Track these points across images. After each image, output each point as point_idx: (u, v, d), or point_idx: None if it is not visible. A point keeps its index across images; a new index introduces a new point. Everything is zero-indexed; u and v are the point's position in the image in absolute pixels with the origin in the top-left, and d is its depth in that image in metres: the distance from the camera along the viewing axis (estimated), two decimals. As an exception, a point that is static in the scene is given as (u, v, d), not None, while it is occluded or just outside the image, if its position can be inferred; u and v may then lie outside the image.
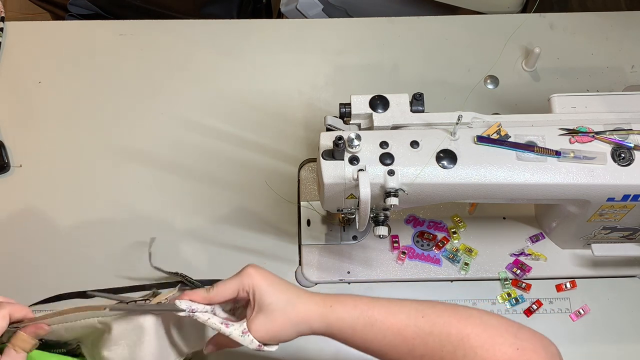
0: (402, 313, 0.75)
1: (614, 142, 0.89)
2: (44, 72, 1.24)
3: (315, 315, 0.76)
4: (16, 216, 1.12)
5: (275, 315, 0.75)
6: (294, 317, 0.76)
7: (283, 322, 0.75)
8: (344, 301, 0.77)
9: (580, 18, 1.28)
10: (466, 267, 1.06)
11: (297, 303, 0.76)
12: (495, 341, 0.71)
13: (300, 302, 0.76)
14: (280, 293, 0.77)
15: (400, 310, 0.75)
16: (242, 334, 0.75)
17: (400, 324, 0.74)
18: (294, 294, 0.77)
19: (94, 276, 1.07)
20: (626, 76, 1.22)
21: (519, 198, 0.92)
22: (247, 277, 0.77)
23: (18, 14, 1.83)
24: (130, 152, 1.17)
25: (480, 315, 0.74)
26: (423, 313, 0.74)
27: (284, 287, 0.78)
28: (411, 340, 0.73)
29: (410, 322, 0.74)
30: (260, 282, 0.77)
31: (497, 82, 1.22)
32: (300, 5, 1.48)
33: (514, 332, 0.72)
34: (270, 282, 0.77)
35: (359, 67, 1.24)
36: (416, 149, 0.88)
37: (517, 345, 0.71)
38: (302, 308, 0.76)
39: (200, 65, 1.25)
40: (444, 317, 0.74)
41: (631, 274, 1.07)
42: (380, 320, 0.75)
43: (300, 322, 0.76)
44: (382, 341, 0.75)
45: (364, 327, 0.75)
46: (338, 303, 0.76)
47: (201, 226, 1.11)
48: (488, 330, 0.72)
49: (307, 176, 1.15)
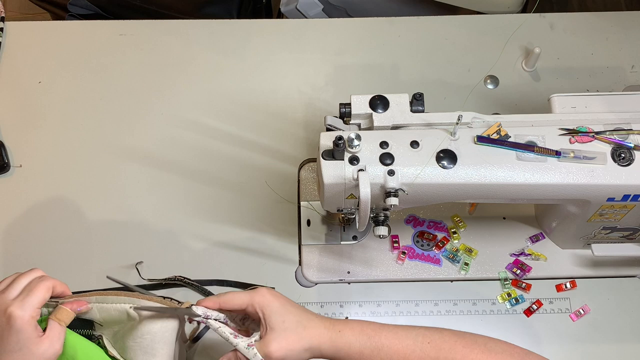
0: (409, 339, 0.77)
1: (614, 142, 0.89)
2: (44, 72, 1.24)
3: (325, 339, 0.78)
4: (16, 216, 1.12)
5: (287, 335, 0.77)
6: (305, 339, 0.78)
7: (294, 341, 0.77)
8: (352, 326, 0.79)
9: (580, 18, 1.28)
10: (466, 267, 1.06)
11: (308, 326, 0.78)
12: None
13: (311, 324, 0.79)
14: (291, 314, 0.79)
15: (407, 336, 0.77)
16: (247, 347, 0.77)
17: (407, 349, 0.76)
18: (305, 316, 0.79)
19: (94, 276, 1.07)
20: (626, 76, 1.22)
21: (519, 198, 0.92)
22: (259, 295, 0.79)
23: (18, 14, 1.83)
24: (130, 151, 1.17)
25: (486, 342, 0.76)
26: (429, 339, 0.76)
27: (294, 309, 0.80)
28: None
29: (417, 348, 0.76)
30: (272, 302, 0.79)
31: (497, 82, 1.22)
32: (300, 5, 1.48)
33: (520, 359, 0.74)
34: (282, 303, 0.79)
35: (359, 67, 1.24)
36: (416, 149, 0.88)
37: None
38: (313, 331, 0.78)
39: (200, 65, 1.25)
40: (449, 343, 0.76)
41: (631, 274, 1.07)
42: (387, 345, 0.77)
43: (311, 344, 0.78)
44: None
45: (371, 352, 0.77)
46: (347, 328, 0.79)
47: (201, 226, 1.11)
48: (492, 356, 0.74)
49: (307, 176, 1.15)
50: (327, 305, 1.05)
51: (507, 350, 0.75)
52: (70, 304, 0.79)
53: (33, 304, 0.75)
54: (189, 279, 1.05)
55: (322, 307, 1.05)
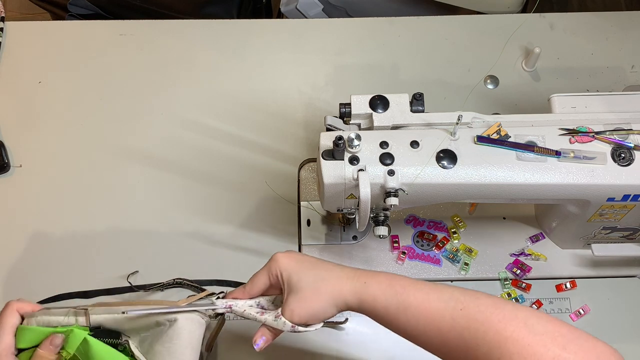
0: (441, 301, 0.70)
1: (614, 142, 0.89)
2: (44, 72, 1.24)
3: (348, 290, 0.73)
4: (16, 216, 1.12)
5: (306, 293, 0.73)
6: (325, 293, 0.73)
7: (315, 298, 0.73)
8: (379, 279, 0.73)
9: (580, 18, 1.28)
10: (466, 267, 1.06)
11: (328, 278, 0.74)
12: (535, 350, 0.64)
13: (332, 276, 0.74)
14: (308, 270, 0.75)
15: (438, 298, 0.70)
16: (275, 318, 0.75)
17: (437, 313, 0.69)
18: (324, 268, 0.75)
19: (94, 276, 1.07)
20: (626, 76, 1.22)
21: (519, 198, 0.92)
22: (273, 262, 0.77)
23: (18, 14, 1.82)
24: (130, 152, 1.17)
25: (528, 317, 0.66)
26: (463, 305, 0.69)
27: (312, 264, 0.76)
28: (446, 333, 0.69)
29: (447, 314, 0.69)
30: (287, 263, 0.76)
31: (497, 82, 1.22)
32: (300, 5, 1.48)
33: (564, 344, 0.64)
34: (297, 260, 0.76)
35: (359, 67, 1.24)
36: (416, 149, 0.88)
37: (563, 357, 0.63)
38: (334, 283, 0.73)
39: (200, 65, 1.25)
40: (485, 314, 0.67)
41: (631, 274, 1.07)
42: (415, 305, 0.70)
43: (335, 297, 0.73)
44: (415, 327, 0.71)
45: (397, 309, 0.71)
46: (373, 280, 0.73)
47: (201, 226, 1.11)
48: (531, 336, 0.65)
49: (307, 176, 1.15)
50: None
51: (550, 332, 0.65)
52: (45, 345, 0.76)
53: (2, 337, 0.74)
54: (188, 280, 1.05)
55: (322, 307, 1.05)
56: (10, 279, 1.07)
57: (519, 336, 0.65)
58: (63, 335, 0.77)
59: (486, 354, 0.66)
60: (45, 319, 0.79)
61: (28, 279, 1.07)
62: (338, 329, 1.02)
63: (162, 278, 1.06)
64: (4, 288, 1.06)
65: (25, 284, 1.06)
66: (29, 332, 0.77)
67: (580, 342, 0.64)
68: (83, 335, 0.77)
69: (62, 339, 0.77)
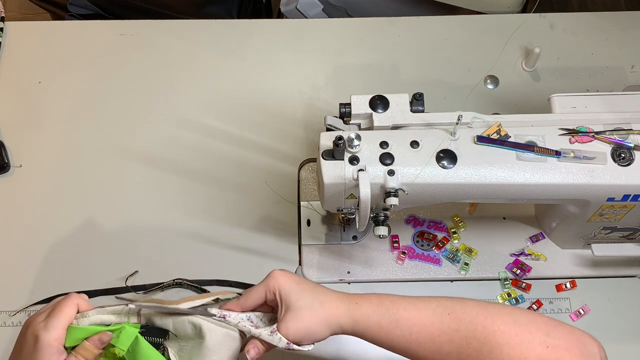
0: (429, 309, 0.75)
1: (614, 142, 0.89)
2: (44, 72, 1.24)
3: (342, 312, 0.76)
4: (16, 216, 1.12)
5: (304, 312, 0.76)
6: (322, 314, 0.76)
7: (311, 319, 0.76)
8: (370, 299, 0.77)
9: (580, 18, 1.28)
10: (466, 267, 1.06)
11: (324, 301, 0.77)
12: (523, 338, 0.69)
13: (327, 299, 0.77)
14: (306, 292, 0.77)
15: (426, 307, 0.75)
16: (270, 334, 0.76)
17: (426, 320, 0.74)
18: (321, 292, 0.78)
19: (94, 276, 1.07)
20: (626, 76, 1.22)
21: (519, 198, 0.92)
22: (272, 279, 0.78)
23: (18, 14, 1.82)
24: (130, 151, 1.17)
25: (510, 311, 0.73)
26: (449, 310, 0.74)
27: (310, 286, 0.78)
28: (437, 338, 0.73)
29: (436, 320, 0.74)
30: (286, 282, 0.78)
31: (497, 82, 1.22)
32: (300, 5, 1.48)
33: (547, 330, 0.70)
34: (296, 281, 0.78)
35: (359, 67, 1.24)
36: (416, 149, 0.88)
37: (548, 343, 0.69)
38: (329, 306, 0.76)
39: (200, 65, 1.25)
40: (471, 314, 0.73)
41: (631, 274, 1.07)
42: (406, 317, 0.75)
43: (329, 319, 0.76)
44: (408, 338, 0.74)
45: (389, 323, 0.75)
46: (364, 300, 0.77)
47: (201, 226, 1.11)
48: (517, 327, 0.70)
49: (307, 176, 1.15)
50: (327, 305, 1.05)
51: (533, 321, 0.71)
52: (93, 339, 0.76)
53: (56, 325, 0.74)
54: (188, 281, 1.05)
55: (322, 307, 1.05)
56: (10, 279, 1.07)
57: (506, 328, 0.70)
58: (112, 334, 0.77)
59: (478, 350, 0.70)
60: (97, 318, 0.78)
61: (28, 279, 1.07)
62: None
63: (162, 278, 1.06)
64: (4, 288, 1.06)
65: (25, 284, 1.06)
66: (78, 331, 0.76)
67: (561, 328, 0.71)
68: (134, 334, 0.77)
69: (111, 337, 0.77)
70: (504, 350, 0.69)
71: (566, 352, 0.68)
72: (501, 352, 0.69)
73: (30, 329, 0.75)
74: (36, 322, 0.75)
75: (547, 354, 0.68)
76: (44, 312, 0.77)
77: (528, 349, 0.69)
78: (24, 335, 0.75)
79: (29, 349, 0.74)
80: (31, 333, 0.74)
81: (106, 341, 0.76)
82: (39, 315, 0.76)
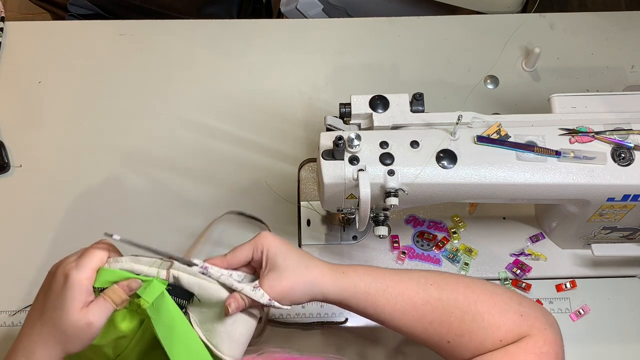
0: (412, 280, 0.79)
1: (614, 142, 0.89)
2: (44, 72, 1.24)
3: (328, 280, 0.78)
4: (16, 216, 1.12)
5: (288, 273, 0.77)
6: (306, 278, 0.77)
7: (295, 280, 0.77)
8: (356, 269, 0.80)
9: (580, 18, 1.28)
10: (466, 267, 1.06)
11: (310, 265, 0.78)
12: (501, 307, 0.76)
13: (313, 264, 0.79)
14: (294, 253, 0.79)
15: (410, 278, 0.79)
16: (253, 289, 0.77)
17: (411, 290, 0.78)
18: (308, 257, 0.80)
19: (94, 276, 1.07)
20: (626, 76, 1.22)
21: (519, 198, 0.92)
22: (262, 238, 0.79)
23: (18, 14, 1.82)
24: (130, 152, 1.17)
25: (484, 283, 0.80)
26: (432, 281, 0.79)
27: (297, 251, 0.80)
28: (421, 307, 0.78)
29: (420, 289, 0.78)
30: (275, 242, 0.79)
31: (497, 82, 1.22)
32: (300, 5, 1.48)
33: (518, 300, 0.78)
34: (283, 243, 0.79)
35: (359, 67, 1.24)
36: (416, 149, 0.88)
37: (521, 311, 0.76)
38: (315, 270, 0.78)
39: (200, 65, 1.25)
40: (451, 285, 0.79)
41: (631, 274, 1.07)
42: (392, 286, 0.78)
43: (313, 284, 0.77)
44: (394, 307, 0.78)
45: (375, 292, 0.78)
46: (350, 270, 0.79)
47: (201, 226, 1.10)
48: (494, 297, 0.77)
49: (307, 176, 1.15)
50: (327, 305, 1.05)
51: (506, 292, 0.79)
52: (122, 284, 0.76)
53: (88, 265, 0.74)
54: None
55: (322, 307, 1.05)
56: (10, 279, 1.07)
57: (485, 298, 0.77)
58: (141, 283, 0.76)
59: (459, 318, 0.76)
60: (129, 265, 0.78)
61: (28, 279, 1.07)
62: (337, 328, 1.02)
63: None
64: (4, 288, 1.06)
65: (25, 284, 1.06)
66: (109, 273, 0.76)
67: (526, 299, 0.79)
68: (161, 289, 0.76)
69: (140, 285, 0.76)
70: (485, 318, 0.76)
71: (536, 320, 0.76)
72: (482, 320, 0.76)
73: (60, 268, 0.75)
74: (67, 261, 0.75)
75: (522, 321, 0.76)
76: (74, 254, 0.77)
77: (506, 317, 0.76)
78: (54, 274, 0.75)
79: (58, 288, 0.73)
80: (61, 272, 0.74)
81: (134, 288, 0.76)
82: (70, 257, 0.77)
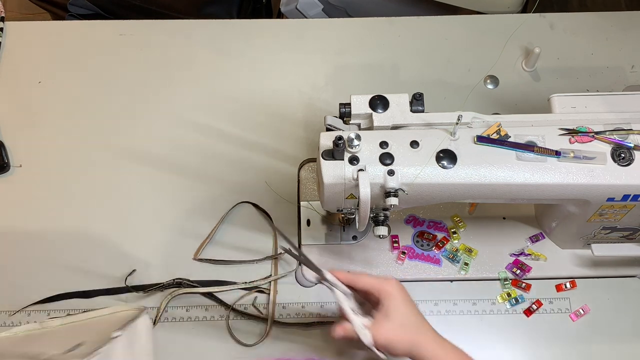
0: None
1: (614, 142, 0.89)
2: (44, 72, 1.24)
3: (430, 347, 0.82)
4: (16, 216, 1.12)
5: (399, 328, 0.82)
6: (414, 339, 0.82)
7: (403, 337, 0.81)
8: (454, 348, 0.84)
9: (580, 18, 1.28)
10: (466, 267, 1.06)
11: (422, 329, 0.83)
12: None
13: (426, 329, 0.84)
14: (412, 310, 0.84)
15: None
16: (362, 327, 0.82)
17: None
18: (421, 319, 0.84)
19: (93, 276, 1.07)
20: (626, 76, 1.22)
21: (519, 198, 0.92)
22: (389, 284, 0.84)
23: (18, 14, 1.83)
24: (130, 151, 1.17)
25: None
26: None
27: (415, 310, 0.85)
28: None
29: None
30: (400, 295, 0.83)
31: (497, 82, 1.22)
32: (300, 5, 1.48)
33: None
34: (408, 300, 0.84)
35: (359, 67, 1.24)
36: (416, 149, 0.88)
37: None
38: (425, 339, 0.82)
39: (200, 65, 1.25)
40: None
41: (631, 274, 1.07)
42: None
43: (418, 347, 0.82)
44: None
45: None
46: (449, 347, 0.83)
47: (201, 226, 1.11)
48: None
49: (307, 176, 1.15)
50: (327, 305, 1.05)
51: None
52: None
53: None
54: (188, 280, 1.05)
55: (322, 307, 1.05)
56: (10, 279, 1.07)
57: None
58: None
59: None
60: None
61: (28, 278, 1.07)
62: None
63: (162, 278, 1.06)
64: (4, 288, 1.06)
65: (25, 284, 1.06)
66: None
67: None
68: None
69: None
70: None
71: None
72: None
73: None
74: None
75: None
76: None
77: None
78: None
79: None
80: None
81: None
82: None
